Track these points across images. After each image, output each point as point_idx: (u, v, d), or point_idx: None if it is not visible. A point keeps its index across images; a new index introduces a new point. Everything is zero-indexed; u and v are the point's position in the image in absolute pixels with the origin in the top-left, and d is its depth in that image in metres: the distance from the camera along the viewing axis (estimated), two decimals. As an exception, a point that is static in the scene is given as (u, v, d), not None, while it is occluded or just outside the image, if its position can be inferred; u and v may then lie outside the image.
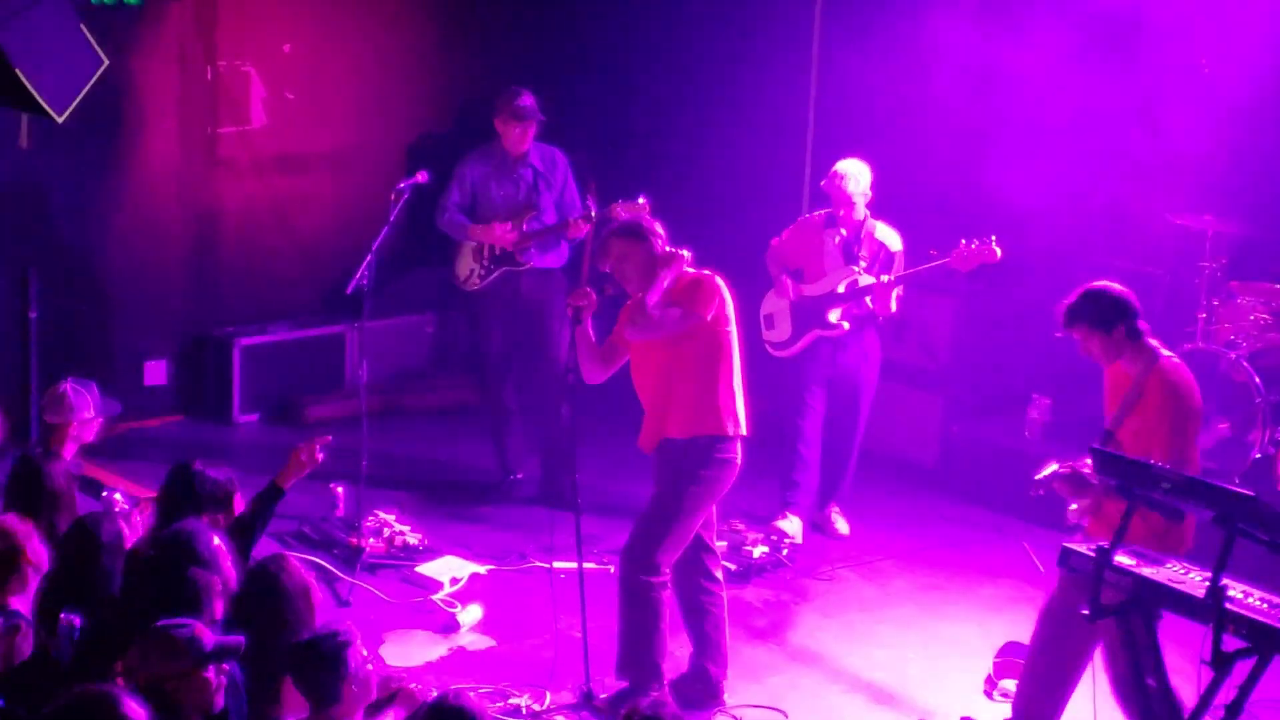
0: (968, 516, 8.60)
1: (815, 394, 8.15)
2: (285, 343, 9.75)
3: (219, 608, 4.81)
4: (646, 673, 6.20)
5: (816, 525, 8.27)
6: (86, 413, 6.40)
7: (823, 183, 8.07)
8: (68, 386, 6.48)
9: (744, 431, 6.27)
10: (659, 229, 6.28)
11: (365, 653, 4.51)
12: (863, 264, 8.00)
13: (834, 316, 8.05)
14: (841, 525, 8.32)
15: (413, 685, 4.90)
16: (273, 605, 4.92)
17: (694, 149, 10.31)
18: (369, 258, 7.60)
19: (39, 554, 5.08)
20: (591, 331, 6.31)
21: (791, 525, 8.10)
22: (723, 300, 6.19)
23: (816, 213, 8.26)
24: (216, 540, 5.03)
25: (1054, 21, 8.67)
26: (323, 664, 4.46)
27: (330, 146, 9.98)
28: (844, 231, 8.02)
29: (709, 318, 6.15)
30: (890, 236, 8.07)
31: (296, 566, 5.08)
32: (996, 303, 9.11)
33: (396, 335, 10.11)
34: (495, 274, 8.41)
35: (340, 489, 7.99)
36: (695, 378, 6.20)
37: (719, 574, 6.46)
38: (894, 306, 8.01)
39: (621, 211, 7.77)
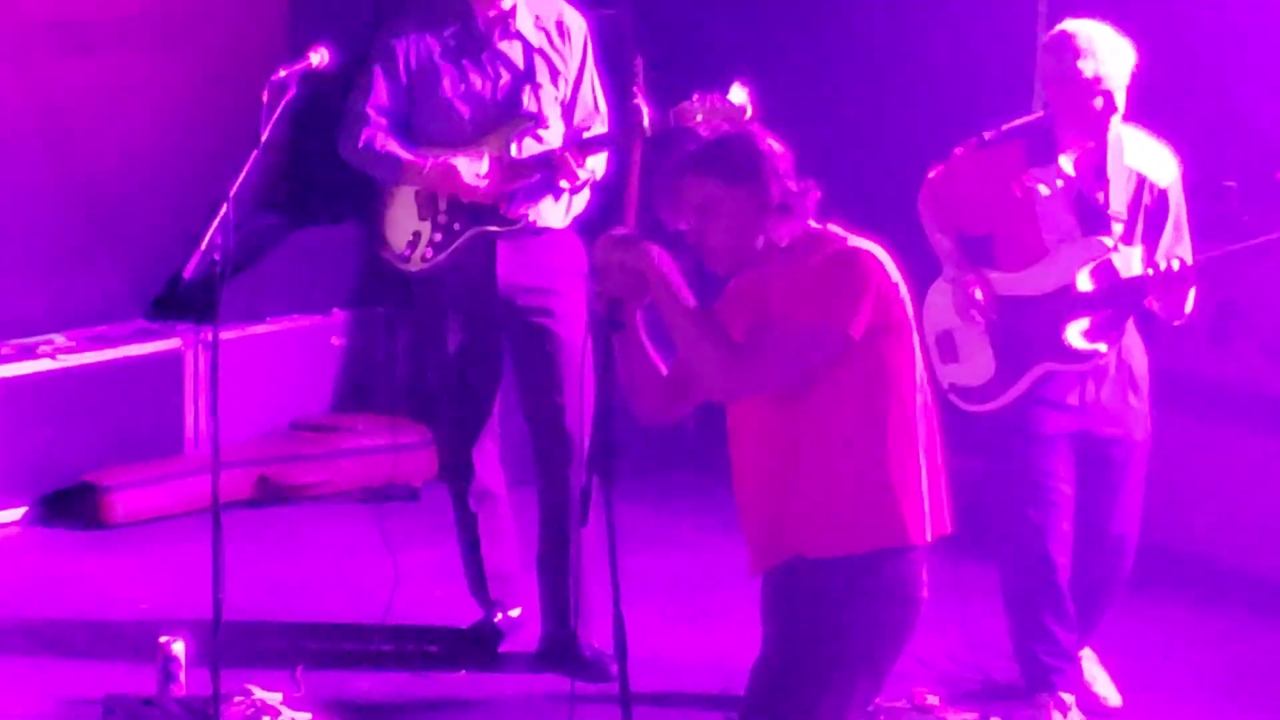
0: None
1: (1056, 467, 7.58)
2: (73, 373, 9.39)
3: None
4: None
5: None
6: None
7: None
8: None
9: (934, 533, 5.82)
10: (778, 150, 5.74)
11: None
12: (1118, 227, 7.35)
13: (1077, 336, 7.38)
14: (1106, 687, 7.75)
15: None
16: None
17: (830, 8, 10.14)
18: (224, 211, 7.04)
19: None
20: (646, 337, 5.77)
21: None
22: (883, 296, 5.71)
23: (1007, 127, 7.62)
24: None
25: None
26: None
27: (145, 7, 9.73)
28: (1070, 168, 7.34)
29: (858, 332, 5.61)
30: (1151, 157, 7.44)
31: None
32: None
33: (278, 353, 9.84)
34: (459, 241, 8.02)
35: (179, 646, 7.49)
36: (843, 443, 5.70)
37: None
38: (1190, 305, 7.51)
39: (703, 114, 7.58)
